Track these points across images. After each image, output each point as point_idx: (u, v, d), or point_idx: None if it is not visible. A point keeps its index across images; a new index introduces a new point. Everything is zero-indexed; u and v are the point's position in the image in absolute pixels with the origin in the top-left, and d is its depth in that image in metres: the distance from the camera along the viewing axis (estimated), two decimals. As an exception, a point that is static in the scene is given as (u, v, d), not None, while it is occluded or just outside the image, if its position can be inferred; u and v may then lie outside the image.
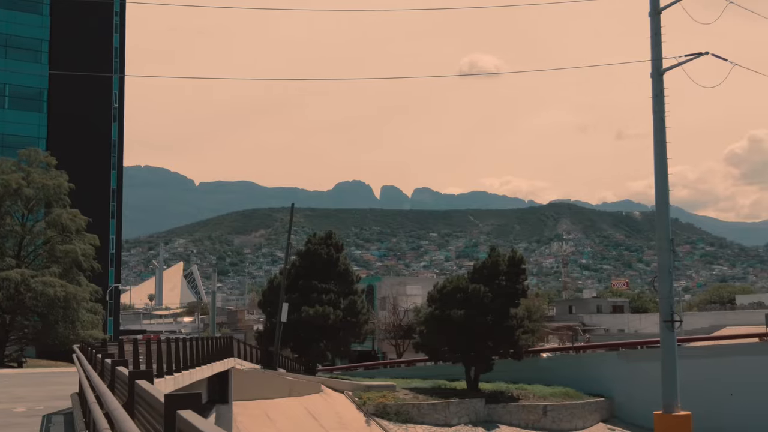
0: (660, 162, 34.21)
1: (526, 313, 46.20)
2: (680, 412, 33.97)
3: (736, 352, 41.55)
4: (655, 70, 33.76)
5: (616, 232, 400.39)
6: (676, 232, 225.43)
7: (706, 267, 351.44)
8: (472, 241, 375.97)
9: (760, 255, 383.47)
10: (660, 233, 35.04)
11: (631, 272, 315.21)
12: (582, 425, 38.31)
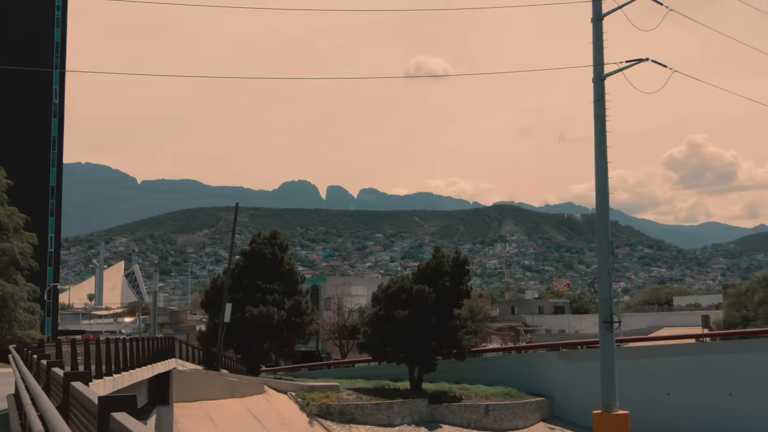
0: (600, 165, 34.85)
1: (470, 313, 46.57)
2: (618, 412, 34.64)
3: (673, 353, 42.53)
4: (596, 75, 34.39)
5: (558, 234, 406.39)
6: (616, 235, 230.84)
7: (645, 269, 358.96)
8: (417, 241, 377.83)
9: (697, 257, 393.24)
10: (600, 236, 35.70)
11: (573, 273, 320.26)
12: (523, 424, 38.78)
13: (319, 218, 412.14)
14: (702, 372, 40.28)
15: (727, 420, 38.42)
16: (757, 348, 40.94)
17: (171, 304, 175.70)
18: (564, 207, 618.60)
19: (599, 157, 34.89)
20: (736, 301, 61.05)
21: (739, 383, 39.06)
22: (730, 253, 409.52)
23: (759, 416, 37.76)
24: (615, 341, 36.10)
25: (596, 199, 35.41)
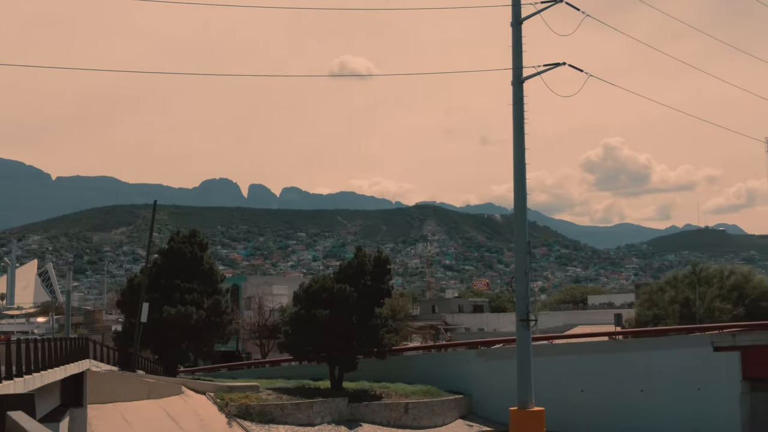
0: (519, 167, 35.54)
1: (391, 312, 46.88)
2: (534, 408, 35.41)
3: (588, 350, 43.69)
4: (515, 79, 35.04)
5: (479, 234, 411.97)
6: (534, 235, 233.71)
7: (561, 268, 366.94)
8: (340, 241, 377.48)
9: (612, 257, 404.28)
10: (518, 236, 36.40)
11: (492, 273, 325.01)
12: (442, 422, 39.24)
13: (241, 217, 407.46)
14: (615, 369, 41.50)
15: (638, 415, 39.70)
16: (667, 345, 42.41)
17: (86, 304, 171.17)
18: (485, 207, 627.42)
19: (518, 159, 35.58)
20: (648, 300, 63.10)
21: (650, 380, 40.41)
22: (643, 253, 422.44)
23: (669, 412, 39.15)
24: (531, 339, 36.91)
25: (514, 200, 36.12)
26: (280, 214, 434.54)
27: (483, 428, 39.94)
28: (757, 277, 64.94)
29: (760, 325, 44.13)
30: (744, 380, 38.69)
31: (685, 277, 62.57)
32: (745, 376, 38.76)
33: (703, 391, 38.96)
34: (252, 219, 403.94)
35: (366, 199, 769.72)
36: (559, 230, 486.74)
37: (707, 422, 38.14)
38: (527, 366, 35.73)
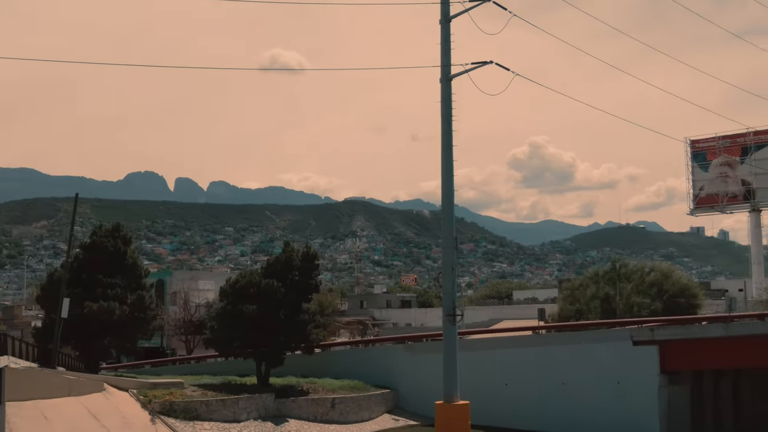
0: (447, 164, 35.90)
1: (319, 308, 46.84)
2: (459, 402, 35.89)
3: (512, 345, 44.44)
4: (444, 76, 35.38)
5: (407, 230, 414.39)
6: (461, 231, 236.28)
7: (488, 264, 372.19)
8: (269, 236, 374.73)
9: (536, 253, 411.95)
10: (445, 232, 36.78)
11: (420, 268, 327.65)
12: (368, 416, 39.39)
13: (167, 211, 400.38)
14: (538, 362, 42.34)
15: (560, 408, 40.60)
16: (588, 339, 43.47)
17: (5, 299, 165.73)
18: (413, 203, 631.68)
19: (446, 156, 35.94)
20: (570, 295, 64.58)
21: (572, 373, 41.36)
22: (566, 249, 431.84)
23: (589, 404, 40.14)
24: (457, 333, 37.37)
25: (442, 196, 36.47)
26: (208, 209, 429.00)
27: (409, 422, 40.26)
28: (675, 273, 67.05)
29: (677, 320, 45.61)
30: (662, 373, 39.93)
31: (605, 273, 64.22)
32: (663, 369, 40.00)
33: (622, 384, 40.07)
34: (178, 213, 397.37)
35: (295, 194, 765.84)
36: (486, 226, 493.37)
37: (627, 414, 39.24)
38: (453, 360, 36.17)
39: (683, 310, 59.44)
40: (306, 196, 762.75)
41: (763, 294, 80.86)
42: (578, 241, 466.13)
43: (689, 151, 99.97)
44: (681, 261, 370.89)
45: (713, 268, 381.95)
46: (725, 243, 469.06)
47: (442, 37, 35.42)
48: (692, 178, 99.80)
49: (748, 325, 41.76)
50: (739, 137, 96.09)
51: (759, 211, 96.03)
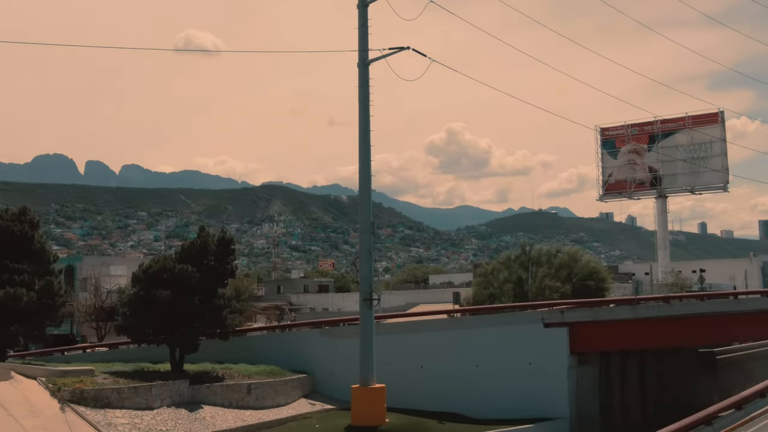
0: (364, 149, 36.05)
1: (235, 293, 46.32)
2: (375, 385, 36.28)
3: (428, 328, 44.99)
4: (361, 61, 35.45)
5: (325, 215, 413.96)
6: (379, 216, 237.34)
7: (405, 249, 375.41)
8: (184, 220, 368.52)
9: (452, 238, 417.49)
10: (363, 217, 37.01)
11: (338, 253, 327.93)
12: (285, 401, 39.31)
13: (77, 194, 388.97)
14: (452, 345, 43.01)
15: (474, 389, 41.37)
16: (501, 322, 44.38)
17: None
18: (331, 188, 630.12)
19: (363, 141, 36.08)
20: (484, 280, 65.84)
21: (485, 355, 42.18)
22: (481, 234, 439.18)
23: (502, 385, 41.03)
24: (374, 318, 37.68)
25: (359, 181, 36.63)
26: (120, 192, 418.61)
27: (326, 406, 40.35)
28: (584, 257, 69.06)
29: (586, 303, 47.00)
30: (571, 354, 41.11)
31: (517, 258, 65.66)
32: (572, 350, 41.20)
33: (534, 365, 41.09)
34: (89, 197, 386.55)
35: (211, 179, 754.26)
36: (404, 212, 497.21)
37: (538, 394, 40.29)
38: (369, 344, 36.51)
39: (592, 293, 61.36)
40: (222, 180, 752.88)
41: (668, 277, 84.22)
42: (493, 227, 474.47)
43: (599, 138, 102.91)
44: (591, 246, 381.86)
45: (621, 253, 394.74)
46: (633, 228, 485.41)
47: (359, 22, 35.46)
48: (602, 165, 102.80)
49: (653, 307, 43.34)
50: (647, 125, 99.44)
51: (665, 197, 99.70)
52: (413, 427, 35.65)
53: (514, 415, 38.96)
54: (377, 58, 35.32)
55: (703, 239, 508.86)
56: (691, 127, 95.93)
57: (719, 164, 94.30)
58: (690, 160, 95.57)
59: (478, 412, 39.99)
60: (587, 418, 41.42)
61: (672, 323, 42.05)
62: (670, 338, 43.34)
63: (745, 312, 41.96)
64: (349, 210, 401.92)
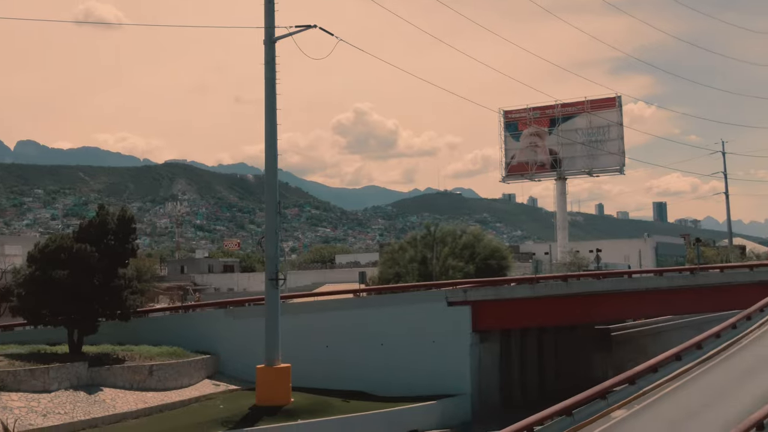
0: (270, 128, 35.75)
1: (136, 273, 45.29)
2: (281, 365, 36.25)
3: (334, 308, 45.15)
4: (267, 38, 35.06)
5: (231, 194, 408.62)
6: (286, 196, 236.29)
7: (312, 229, 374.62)
8: (83, 199, 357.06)
9: (359, 218, 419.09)
10: (269, 196, 36.72)
11: (244, 233, 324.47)
12: (188, 382, 38.82)
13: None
14: (358, 324, 43.32)
15: (379, 367, 41.83)
16: (406, 301, 44.95)
17: None
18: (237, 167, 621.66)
19: (269, 120, 35.76)
20: (390, 259, 66.40)
21: (390, 334, 42.68)
22: (388, 215, 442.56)
23: (406, 363, 41.62)
24: (280, 297, 37.56)
25: (265, 160, 36.32)
26: (15, 169, 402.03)
27: (230, 387, 40.05)
28: (486, 237, 70.49)
29: (488, 282, 48.03)
30: (473, 332, 42.03)
31: (423, 238, 66.44)
32: (475, 328, 42.12)
33: (437, 343, 41.82)
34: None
35: (112, 156, 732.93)
36: (311, 191, 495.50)
37: (441, 371, 41.05)
38: (275, 324, 36.41)
39: (494, 272, 62.72)
40: (123, 157, 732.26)
41: (567, 257, 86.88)
42: (399, 207, 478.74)
43: (502, 121, 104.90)
44: (494, 226, 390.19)
45: (523, 233, 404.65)
46: (534, 209, 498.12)
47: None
48: (505, 147, 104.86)
49: (552, 285, 44.68)
50: (548, 109, 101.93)
51: (564, 179, 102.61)
52: (318, 405, 35.81)
53: (419, 393, 39.60)
54: (284, 36, 35.00)
55: (601, 220, 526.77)
56: (589, 111, 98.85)
57: (616, 148, 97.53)
58: (588, 143, 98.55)
59: (383, 390, 40.46)
60: (488, 393, 42.51)
61: (570, 301, 43.51)
62: (567, 316, 44.84)
63: (639, 290, 43.79)
64: (255, 189, 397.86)
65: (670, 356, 25.75)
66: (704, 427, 20.20)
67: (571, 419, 21.44)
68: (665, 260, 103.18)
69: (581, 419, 21.57)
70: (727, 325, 28.98)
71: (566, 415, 21.48)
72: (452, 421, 37.59)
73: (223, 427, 32.11)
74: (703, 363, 26.14)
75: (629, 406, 22.59)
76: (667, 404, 22.55)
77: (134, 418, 33.28)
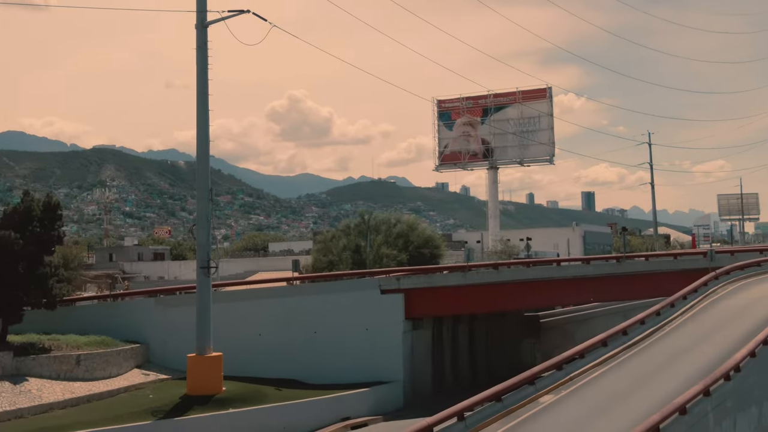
0: (202, 114, 35.28)
1: (63, 261, 44.27)
2: (212, 354, 35.91)
3: (266, 296, 44.91)
4: (199, 22, 34.54)
5: (161, 181, 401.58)
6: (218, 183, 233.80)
7: (245, 216, 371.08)
8: (7, 184, 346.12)
9: (293, 206, 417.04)
10: (200, 183, 36.25)
11: (175, 220, 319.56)
12: (117, 372, 38.17)
13: None
14: (291, 312, 43.19)
15: (312, 355, 41.80)
16: (339, 289, 45.00)
17: None
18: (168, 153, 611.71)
19: (201, 105, 35.28)
20: (324, 247, 66.32)
21: (324, 322, 42.67)
22: (322, 202, 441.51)
23: (340, 351, 41.68)
24: (212, 286, 37.17)
25: (197, 146, 35.82)
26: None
27: (160, 376, 39.50)
28: (420, 226, 70.98)
29: (421, 270, 48.40)
30: (406, 320, 42.33)
31: (356, 226, 66.54)
32: (407, 316, 42.43)
33: (371, 331, 42.02)
34: None
35: (38, 140, 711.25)
36: (244, 179, 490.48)
37: (374, 359, 41.26)
38: (206, 313, 36.03)
39: (427, 260, 63.27)
40: (50, 142, 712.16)
41: (498, 245, 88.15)
42: (334, 195, 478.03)
43: (436, 110, 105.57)
44: (427, 214, 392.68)
45: (455, 221, 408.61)
46: (467, 198, 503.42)
47: (197, -18, 34.46)
48: (438, 136, 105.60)
49: (483, 273, 45.28)
50: (481, 99, 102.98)
51: (496, 168, 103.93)
52: (250, 394, 35.62)
53: (352, 380, 39.73)
54: (216, 21, 34.52)
55: (531, 209, 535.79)
56: (521, 101, 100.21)
57: (546, 138, 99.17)
58: (520, 133, 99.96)
59: (317, 378, 40.48)
60: (420, 380, 42.90)
61: (500, 289, 44.19)
62: (498, 303, 45.56)
63: (567, 278, 44.74)
64: (186, 176, 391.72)
65: (597, 342, 26.41)
66: (629, 411, 20.77)
67: (501, 404, 21.83)
68: (593, 248, 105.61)
69: (510, 404, 21.98)
70: (651, 312, 29.85)
71: (496, 401, 21.86)
72: (385, 408, 37.86)
73: (152, 416, 31.70)
74: (629, 349, 26.89)
75: (557, 392, 23.10)
76: (593, 389, 23.13)
77: (61, 408, 32.61)
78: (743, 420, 22.73)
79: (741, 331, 27.67)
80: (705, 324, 29.57)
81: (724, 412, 21.49)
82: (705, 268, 39.40)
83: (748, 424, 23.08)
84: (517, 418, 21.10)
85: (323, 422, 35.08)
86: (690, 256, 47.85)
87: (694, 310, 31.68)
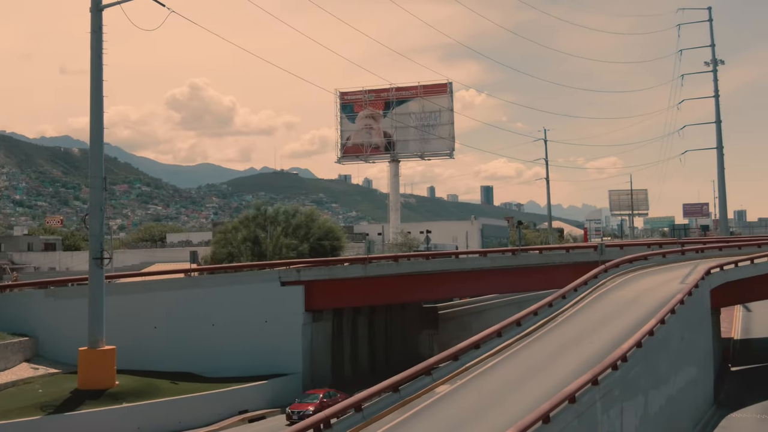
0: (96, 100, 34.25)
1: (-55, 251, 42.24)
2: (105, 347, 34.97)
3: (163, 288, 44.01)
4: (94, 6, 33.51)
5: (54, 168, 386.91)
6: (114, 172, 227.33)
7: (142, 206, 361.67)
8: None
9: (193, 196, 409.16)
10: (93, 171, 35.19)
11: (68, 209, 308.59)
12: (3, 366, 36.71)
13: None
14: (188, 305, 42.48)
15: (210, 348, 41.26)
16: (239, 281, 44.52)
17: None
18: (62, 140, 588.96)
19: (95, 92, 34.28)
20: (223, 239, 65.35)
21: (222, 314, 42.15)
22: (223, 193, 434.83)
23: (238, 343, 41.31)
24: (105, 277, 36.16)
25: (90, 134, 34.75)
26: None
27: (50, 370, 38.21)
28: (321, 217, 70.82)
29: (322, 262, 48.40)
30: (306, 312, 42.30)
31: (255, 218, 65.81)
32: (308, 308, 42.40)
33: (270, 323, 41.78)
34: None
35: None
36: (141, 168, 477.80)
37: (273, 351, 41.04)
38: (99, 305, 35.06)
39: (328, 252, 63.23)
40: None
41: (399, 237, 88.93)
42: (235, 185, 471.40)
43: (338, 102, 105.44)
44: (329, 206, 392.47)
45: (358, 214, 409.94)
46: (369, 190, 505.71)
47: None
48: (341, 129, 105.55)
49: (383, 265, 45.65)
50: (383, 92, 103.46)
51: (398, 161, 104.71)
52: (144, 388, 34.89)
53: (251, 373, 39.43)
54: (112, 4, 33.54)
55: (432, 202, 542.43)
56: (422, 96, 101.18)
57: (447, 132, 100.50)
58: (421, 127, 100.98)
59: (215, 372, 39.98)
60: (320, 372, 42.94)
61: (400, 281, 44.66)
62: (398, 295, 46.04)
63: (465, 270, 45.60)
64: (81, 164, 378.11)
65: (492, 333, 27.01)
66: (522, 399, 21.33)
67: (398, 395, 22.06)
68: (490, 241, 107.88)
69: (407, 395, 22.24)
70: (543, 304, 30.73)
71: (393, 392, 22.08)
72: (284, 401, 37.73)
73: (41, 411, 30.67)
74: (522, 339, 27.62)
75: (452, 382, 23.51)
76: (487, 379, 23.66)
77: (-58, 405, 31.12)
78: (630, 408, 23.66)
79: (629, 322, 28.79)
80: (595, 315, 30.63)
81: (612, 401, 22.31)
82: (596, 261, 40.87)
83: (634, 412, 24.04)
84: (413, 408, 21.37)
85: (220, 416, 34.75)
86: (581, 250, 49.51)
87: (585, 301, 32.80)
